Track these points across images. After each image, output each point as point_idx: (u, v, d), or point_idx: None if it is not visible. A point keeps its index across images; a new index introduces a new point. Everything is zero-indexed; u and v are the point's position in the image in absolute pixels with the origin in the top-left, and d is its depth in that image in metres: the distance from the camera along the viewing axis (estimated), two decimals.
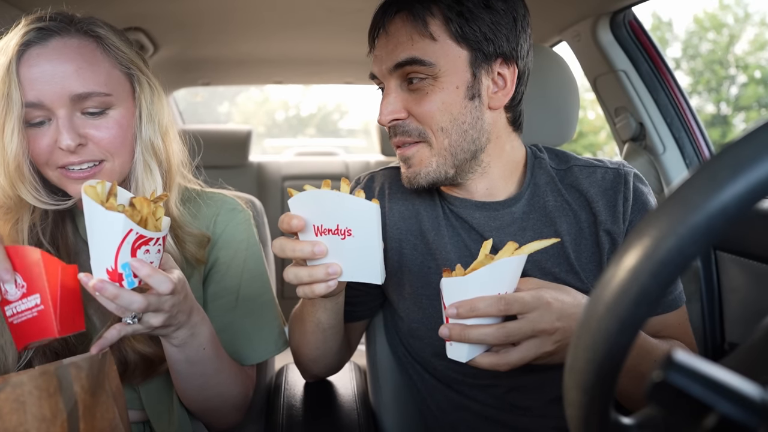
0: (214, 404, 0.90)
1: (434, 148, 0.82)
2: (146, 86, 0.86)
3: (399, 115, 0.82)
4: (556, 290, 0.67)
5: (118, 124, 0.82)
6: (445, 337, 0.66)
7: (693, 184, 0.32)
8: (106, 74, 0.81)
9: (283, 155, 4.19)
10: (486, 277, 0.64)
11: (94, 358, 0.65)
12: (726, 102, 13.59)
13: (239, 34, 1.90)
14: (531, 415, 0.91)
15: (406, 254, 0.92)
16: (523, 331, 0.63)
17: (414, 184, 0.85)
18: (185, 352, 0.81)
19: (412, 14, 0.79)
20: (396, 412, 1.07)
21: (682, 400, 0.31)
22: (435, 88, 0.80)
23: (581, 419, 0.37)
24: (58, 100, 0.77)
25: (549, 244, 0.67)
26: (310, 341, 0.93)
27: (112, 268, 0.66)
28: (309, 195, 0.69)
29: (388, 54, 0.81)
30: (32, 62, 0.77)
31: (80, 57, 0.79)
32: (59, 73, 0.77)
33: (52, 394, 0.58)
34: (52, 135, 0.78)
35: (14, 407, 0.56)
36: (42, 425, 0.57)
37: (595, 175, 0.89)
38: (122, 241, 0.65)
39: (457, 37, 0.79)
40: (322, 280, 0.70)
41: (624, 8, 1.42)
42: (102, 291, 0.65)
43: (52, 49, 0.78)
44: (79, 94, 0.77)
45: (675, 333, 0.87)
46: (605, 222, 0.86)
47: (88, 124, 0.79)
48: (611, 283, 0.34)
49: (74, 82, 0.77)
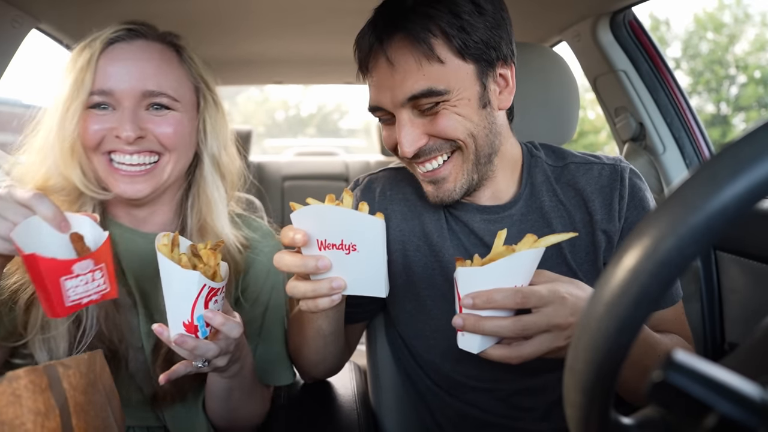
0: (240, 422, 0.94)
1: (465, 153, 0.81)
2: (211, 102, 0.90)
3: (421, 143, 0.80)
4: (569, 284, 0.66)
5: (179, 123, 0.84)
6: (459, 327, 0.65)
7: (693, 184, 0.32)
8: (178, 81, 0.85)
9: (283, 155, 4.19)
10: (504, 268, 0.63)
11: (80, 359, 0.66)
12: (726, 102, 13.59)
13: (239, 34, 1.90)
14: (533, 417, 0.91)
15: (410, 256, 0.92)
16: (538, 325, 0.63)
17: (447, 201, 0.84)
18: (232, 382, 0.85)
19: (413, 36, 0.75)
20: (396, 412, 1.06)
21: (682, 400, 0.31)
22: (448, 106, 0.78)
23: (581, 419, 0.37)
24: (130, 93, 0.80)
25: (567, 237, 0.66)
26: (310, 346, 0.92)
27: (188, 321, 0.70)
28: (312, 210, 0.68)
29: (397, 86, 0.77)
30: (116, 55, 0.81)
31: (160, 59, 0.84)
32: (138, 69, 0.81)
33: (44, 390, 0.59)
34: (111, 122, 0.80)
35: (11, 400, 0.57)
36: (37, 419, 0.58)
37: (591, 172, 0.89)
38: (197, 296, 0.69)
39: (462, 53, 0.77)
40: (326, 295, 0.70)
41: (624, 8, 1.42)
42: (183, 345, 0.69)
43: (137, 47, 0.83)
44: (151, 91, 0.81)
45: (672, 327, 0.87)
46: (601, 221, 0.86)
47: (150, 119, 0.82)
48: (611, 283, 0.34)
49: (150, 80, 0.81)
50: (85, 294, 0.68)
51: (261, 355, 0.96)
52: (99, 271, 0.69)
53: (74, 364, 0.65)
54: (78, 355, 0.67)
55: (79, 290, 0.67)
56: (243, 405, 0.90)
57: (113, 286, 0.71)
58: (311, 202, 0.69)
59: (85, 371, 0.66)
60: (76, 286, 0.67)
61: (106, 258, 0.70)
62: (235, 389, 0.86)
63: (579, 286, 0.67)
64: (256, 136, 3.07)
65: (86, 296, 0.68)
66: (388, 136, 0.86)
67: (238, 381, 0.85)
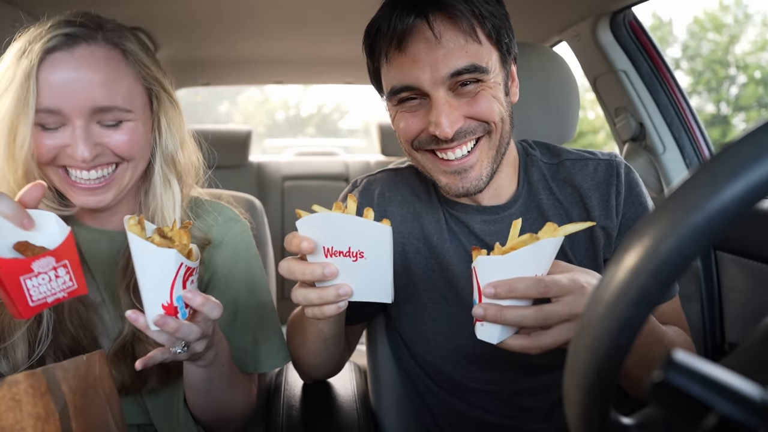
0: (225, 415, 0.92)
1: (492, 139, 0.81)
2: (166, 102, 0.85)
3: (459, 124, 0.78)
4: (586, 274, 0.66)
5: (134, 132, 0.80)
6: (479, 317, 0.64)
7: (693, 184, 0.32)
8: (128, 88, 0.79)
9: (283, 155, 4.20)
10: (526, 257, 0.62)
11: (79, 361, 0.65)
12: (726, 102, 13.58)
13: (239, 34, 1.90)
14: (535, 417, 0.91)
15: (410, 257, 0.92)
16: (560, 315, 0.62)
17: (473, 191, 0.83)
18: (209, 371, 0.82)
19: (458, 13, 0.75)
20: (396, 412, 1.06)
21: (682, 400, 0.31)
22: (486, 89, 0.78)
23: (581, 419, 0.37)
24: (79, 111, 0.75)
25: (585, 227, 0.65)
26: (311, 349, 0.92)
27: (167, 302, 0.68)
28: (319, 217, 0.67)
29: (440, 61, 0.75)
30: (56, 67, 0.74)
31: (106, 68, 0.76)
32: (84, 83, 0.74)
33: (44, 393, 0.59)
34: (63, 140, 0.76)
35: (10, 405, 0.57)
36: (37, 423, 0.57)
37: (587, 168, 0.89)
38: (175, 276, 0.67)
39: (491, 36, 0.78)
40: (333, 302, 0.69)
41: (624, 8, 1.42)
42: (165, 326, 0.67)
43: (79, 57, 0.75)
44: (101, 107, 0.76)
45: (670, 319, 0.88)
46: (599, 218, 0.86)
47: (103, 133, 0.78)
48: (611, 284, 0.34)
49: (99, 95, 0.75)
50: (49, 292, 0.66)
51: (240, 343, 0.94)
52: (62, 267, 0.67)
53: (73, 367, 0.64)
54: (77, 358, 0.66)
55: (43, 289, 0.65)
56: (225, 396, 0.88)
57: (81, 282, 0.69)
58: (317, 209, 0.68)
59: (84, 374, 0.65)
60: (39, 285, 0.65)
61: (70, 254, 0.67)
62: (213, 379, 0.84)
63: (595, 276, 0.67)
64: (256, 136, 3.07)
65: (51, 294, 0.66)
66: (408, 126, 0.82)
67: (216, 369, 0.83)
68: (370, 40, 0.82)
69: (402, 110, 0.82)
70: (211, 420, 0.93)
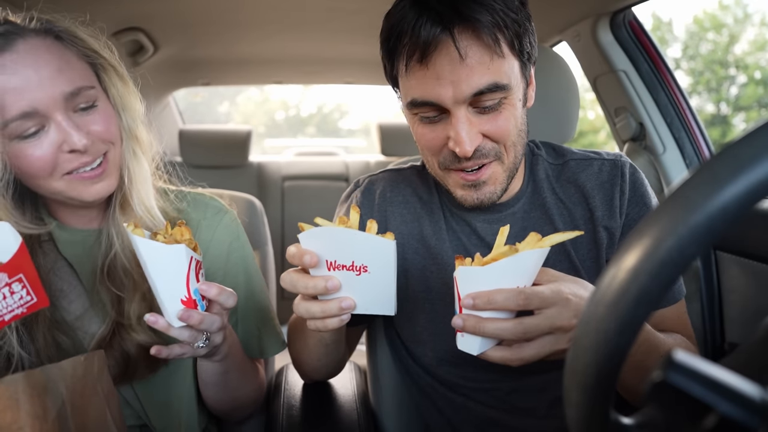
0: (241, 403, 0.94)
1: (505, 164, 0.80)
2: (113, 73, 0.82)
3: (478, 142, 0.76)
4: (573, 284, 0.64)
5: (107, 113, 0.79)
6: (458, 328, 0.64)
7: (693, 183, 0.32)
8: (79, 68, 0.77)
9: (283, 155, 4.19)
10: (506, 268, 0.61)
11: (76, 361, 0.65)
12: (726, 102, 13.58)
13: (239, 34, 1.90)
14: (533, 416, 0.91)
15: (408, 258, 0.92)
16: (540, 328, 0.61)
17: (487, 203, 0.82)
18: (225, 364, 0.83)
19: (482, 27, 0.70)
20: (396, 412, 1.06)
21: (682, 400, 0.31)
22: (507, 105, 0.75)
23: (581, 419, 0.37)
24: (53, 104, 0.72)
25: (571, 237, 0.63)
26: (311, 354, 0.92)
27: (186, 297, 0.68)
28: (322, 231, 0.66)
29: (463, 80, 0.72)
30: (9, 70, 0.70)
31: (55, 56, 0.74)
32: (45, 76, 0.72)
33: (42, 393, 0.59)
34: (53, 141, 0.73)
35: (8, 404, 0.57)
36: (35, 423, 0.57)
37: (591, 168, 0.89)
38: (188, 270, 0.67)
39: (512, 46, 0.74)
40: (336, 315, 0.68)
41: (624, 8, 1.42)
42: (189, 319, 0.67)
43: (25, 53, 0.72)
44: (70, 92, 0.74)
45: (674, 326, 0.87)
46: (602, 218, 0.86)
47: (86, 120, 0.77)
48: (611, 284, 0.34)
49: (61, 82, 0.73)
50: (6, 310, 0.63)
51: (241, 331, 0.96)
52: (17, 282, 0.63)
53: (71, 366, 0.64)
54: (75, 357, 0.66)
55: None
56: (240, 385, 0.90)
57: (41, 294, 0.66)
58: (321, 223, 0.68)
59: (82, 374, 0.65)
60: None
61: (24, 267, 0.64)
62: (229, 371, 0.85)
63: (583, 286, 0.65)
64: (256, 136, 3.07)
65: (8, 312, 0.63)
66: (431, 137, 0.79)
67: (230, 361, 0.83)
68: (391, 44, 0.77)
69: (418, 120, 0.80)
70: (228, 409, 0.94)
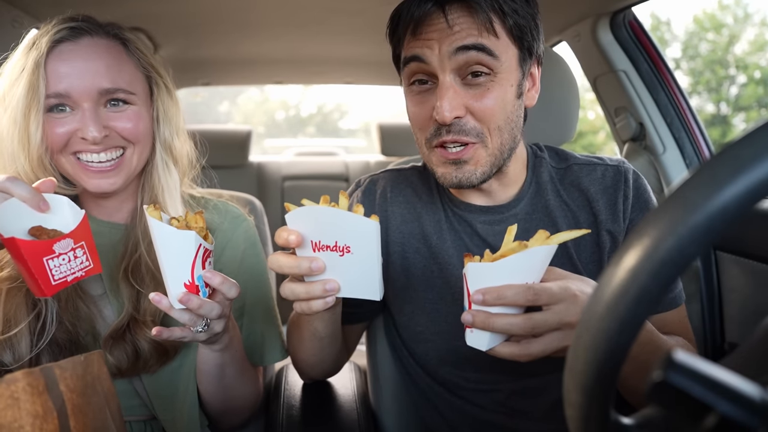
0: (235, 404, 0.95)
1: (489, 148, 0.79)
2: (163, 89, 0.91)
3: (460, 113, 0.76)
4: (580, 282, 0.65)
5: (138, 115, 0.86)
6: (468, 323, 0.64)
7: (693, 183, 0.32)
8: (130, 74, 0.86)
9: (283, 155, 4.19)
10: (516, 264, 0.61)
11: (76, 360, 0.66)
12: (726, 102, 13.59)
13: (240, 35, 1.90)
14: (532, 418, 0.91)
15: (409, 258, 0.92)
16: (549, 324, 0.61)
17: (466, 184, 0.81)
18: (224, 356, 0.85)
19: (471, 6, 0.74)
20: (396, 412, 1.06)
21: (682, 400, 0.31)
22: (495, 84, 0.76)
23: (581, 420, 0.37)
24: (87, 94, 0.80)
25: (580, 234, 0.64)
26: (306, 348, 0.92)
27: (189, 281, 0.71)
28: (307, 211, 0.67)
29: (448, 38, 0.74)
30: (64, 57, 0.80)
31: (109, 56, 0.83)
32: (90, 69, 0.81)
33: (42, 392, 0.59)
34: (74, 124, 0.81)
35: (9, 403, 0.57)
36: (36, 421, 0.57)
37: (595, 173, 0.89)
38: (195, 256, 0.71)
39: (512, 33, 0.76)
40: (320, 297, 0.70)
41: (624, 8, 1.42)
42: (188, 303, 0.70)
43: (84, 47, 0.82)
44: (107, 89, 0.82)
45: (675, 330, 0.87)
46: (606, 222, 0.86)
47: (111, 116, 0.83)
48: (611, 283, 0.34)
49: (103, 78, 0.81)
50: (69, 272, 0.71)
51: (248, 335, 0.98)
52: (80, 248, 0.72)
53: (71, 366, 0.65)
54: (75, 357, 0.66)
55: (63, 269, 0.70)
56: (236, 383, 0.91)
57: (96, 261, 0.73)
58: (306, 203, 0.68)
59: (82, 373, 0.66)
60: (60, 265, 0.70)
61: (85, 236, 0.72)
62: (227, 364, 0.87)
63: (590, 284, 0.66)
64: (256, 136, 3.06)
65: (71, 274, 0.71)
66: (415, 112, 0.81)
67: (230, 354, 0.86)
68: (392, 27, 0.83)
69: (412, 93, 0.82)
70: (222, 409, 0.95)
